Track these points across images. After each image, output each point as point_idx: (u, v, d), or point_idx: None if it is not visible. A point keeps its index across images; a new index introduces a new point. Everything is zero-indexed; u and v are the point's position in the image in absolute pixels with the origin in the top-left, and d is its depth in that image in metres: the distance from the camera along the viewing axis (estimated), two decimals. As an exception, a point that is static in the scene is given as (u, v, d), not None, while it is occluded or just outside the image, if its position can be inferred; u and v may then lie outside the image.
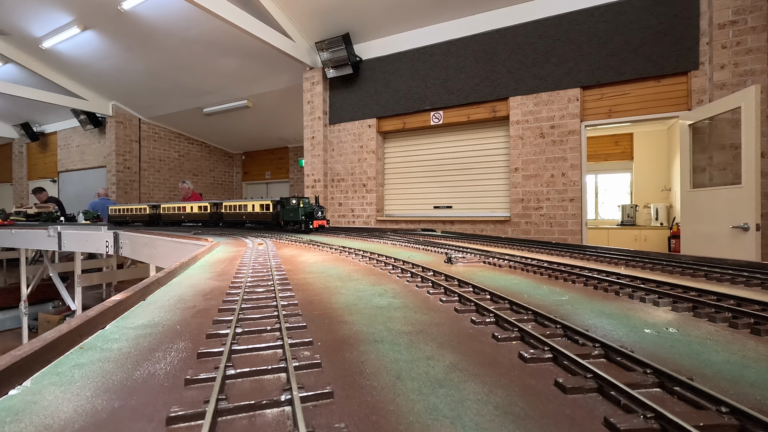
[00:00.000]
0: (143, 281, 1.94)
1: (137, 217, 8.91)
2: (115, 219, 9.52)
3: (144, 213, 8.72)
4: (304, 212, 5.57)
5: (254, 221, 6.72)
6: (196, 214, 7.70)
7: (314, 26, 7.75)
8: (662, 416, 0.74)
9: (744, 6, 4.83)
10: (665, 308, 1.66)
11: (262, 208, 6.55)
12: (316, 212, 5.61)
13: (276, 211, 6.12)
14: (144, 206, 8.76)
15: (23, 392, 0.91)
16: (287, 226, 5.96)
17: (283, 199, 6.02)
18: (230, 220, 7.23)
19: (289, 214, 5.80)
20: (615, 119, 5.96)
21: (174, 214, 8.21)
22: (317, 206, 5.70)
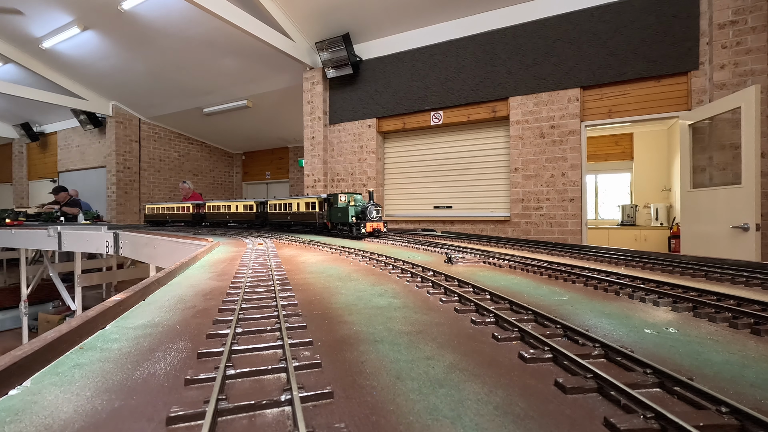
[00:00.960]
0: (143, 281, 1.94)
1: (179, 216, 8.35)
2: (152, 219, 8.97)
3: (187, 212, 8.20)
4: (354, 212, 4.75)
5: (300, 222, 6.00)
6: (242, 213, 7.21)
7: (314, 26, 7.75)
8: (662, 416, 0.74)
9: (744, 6, 4.83)
10: (665, 308, 1.66)
11: (308, 207, 5.77)
12: (369, 212, 4.66)
13: (322, 210, 5.40)
14: (187, 204, 8.26)
15: (23, 392, 0.91)
16: (336, 229, 5.20)
17: (330, 197, 5.26)
18: (276, 221, 6.66)
19: (336, 215, 5.02)
20: (615, 119, 5.96)
21: (218, 214, 7.69)
22: (372, 204, 4.67)
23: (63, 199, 11.06)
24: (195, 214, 8.07)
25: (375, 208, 4.67)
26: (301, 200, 5.88)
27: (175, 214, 8.38)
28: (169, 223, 8.56)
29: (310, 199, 5.66)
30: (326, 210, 5.38)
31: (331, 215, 5.21)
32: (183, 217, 8.27)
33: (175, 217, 8.38)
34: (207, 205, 7.99)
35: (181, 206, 8.34)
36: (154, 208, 9.02)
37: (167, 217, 8.52)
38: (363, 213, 4.67)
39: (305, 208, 5.79)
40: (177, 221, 8.43)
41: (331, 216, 5.23)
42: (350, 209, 4.76)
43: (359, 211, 4.74)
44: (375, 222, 4.64)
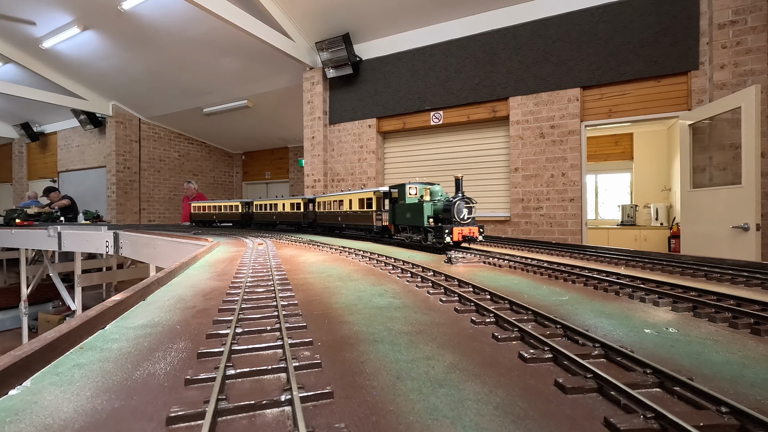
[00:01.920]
0: (143, 281, 1.95)
1: (226, 215, 7.90)
2: (199, 218, 8.63)
3: (236, 211, 7.70)
4: (432, 211, 3.37)
5: (354, 225, 4.89)
6: (288, 214, 6.57)
7: (314, 26, 7.75)
8: (662, 416, 0.74)
9: (744, 6, 4.83)
10: (665, 308, 1.66)
11: (362, 206, 4.64)
12: (457, 211, 3.13)
13: (381, 209, 4.29)
14: (235, 203, 7.69)
15: (23, 392, 0.91)
16: (402, 235, 3.92)
17: (394, 189, 3.98)
18: (325, 222, 5.78)
19: (404, 215, 3.73)
20: (615, 119, 5.96)
21: (266, 213, 7.15)
22: (461, 198, 3.16)
23: (55, 198, 11.24)
24: (244, 213, 7.53)
25: (466, 205, 3.12)
26: (354, 196, 4.78)
27: (222, 214, 7.90)
28: (216, 223, 8.09)
29: (364, 194, 4.51)
30: (388, 208, 4.14)
31: (396, 215, 3.91)
32: (231, 216, 7.82)
33: (222, 217, 7.89)
34: (254, 203, 7.52)
35: (229, 205, 7.83)
36: (201, 207, 8.62)
37: (214, 216, 8.06)
38: (446, 211, 3.21)
39: (359, 206, 4.68)
40: (224, 221, 7.93)
41: (395, 217, 3.95)
42: (426, 207, 3.36)
43: (440, 209, 3.32)
44: (468, 226, 3.12)
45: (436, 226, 3.29)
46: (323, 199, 5.99)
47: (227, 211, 7.16)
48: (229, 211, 7.14)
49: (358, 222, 4.83)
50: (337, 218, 5.37)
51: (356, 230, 4.99)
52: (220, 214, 7.18)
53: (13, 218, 9.73)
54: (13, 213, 9.95)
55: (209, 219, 7.37)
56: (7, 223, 9.70)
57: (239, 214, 6.71)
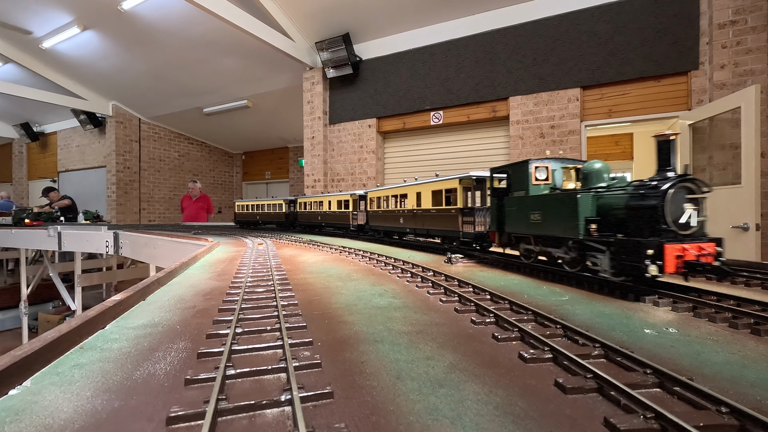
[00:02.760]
0: (143, 281, 1.95)
1: (270, 216, 7.39)
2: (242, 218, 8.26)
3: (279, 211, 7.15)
4: (595, 209, 1.97)
5: (431, 231, 3.57)
6: (334, 214, 5.67)
7: (314, 26, 7.75)
8: (662, 416, 0.74)
9: (744, 6, 4.83)
10: (665, 308, 1.66)
11: (448, 200, 3.29)
12: (673, 210, 1.73)
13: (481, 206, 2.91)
14: (278, 201, 7.13)
15: (23, 392, 0.91)
16: (528, 254, 2.43)
17: (501, 173, 2.67)
18: (381, 226, 4.66)
19: (525, 218, 2.31)
20: (615, 119, 5.96)
21: (311, 214, 6.51)
22: (679, 180, 1.77)
23: (55, 198, 11.23)
24: (287, 213, 6.98)
25: (689, 196, 1.76)
26: (437, 184, 3.35)
27: (265, 214, 7.38)
28: (259, 224, 7.58)
29: (450, 183, 3.09)
30: (495, 208, 2.67)
31: (508, 217, 2.47)
32: (274, 217, 7.30)
33: (266, 217, 7.37)
34: (298, 201, 6.93)
35: (272, 203, 7.28)
36: (244, 206, 8.05)
37: (257, 217, 7.51)
38: (636, 210, 1.79)
39: (433, 202, 3.36)
40: (268, 222, 7.40)
41: (506, 218, 2.50)
42: (583, 201, 1.94)
43: (619, 204, 1.88)
44: (692, 241, 1.73)
45: (616, 240, 1.74)
46: (376, 194, 4.93)
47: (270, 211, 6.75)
48: (272, 211, 6.72)
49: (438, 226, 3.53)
50: (399, 220, 4.13)
51: (435, 236, 3.67)
52: (263, 213, 6.76)
53: (22, 218, 9.67)
54: (22, 213, 9.89)
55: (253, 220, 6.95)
56: (16, 222, 9.64)
57: (282, 214, 6.21)
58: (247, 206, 6.22)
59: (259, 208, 5.81)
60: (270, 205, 5.28)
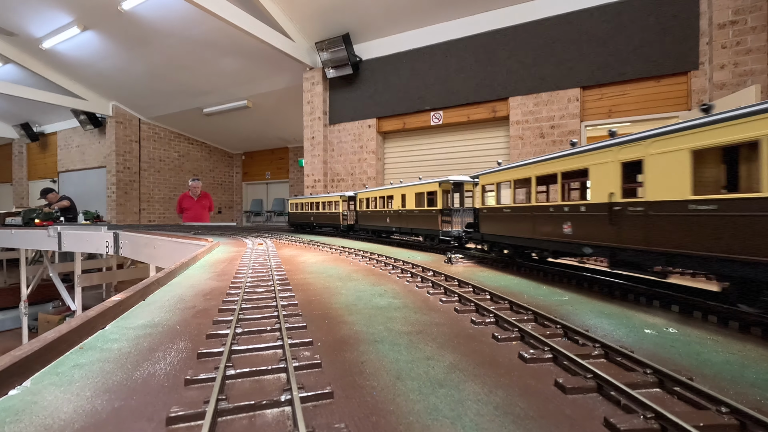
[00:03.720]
0: (143, 281, 1.95)
1: (323, 216, 5.68)
2: (297, 219, 6.90)
3: (334, 211, 5.37)
4: None
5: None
6: (415, 216, 3.88)
7: (314, 26, 7.75)
8: (662, 416, 0.74)
9: (744, 6, 4.83)
10: (665, 308, 1.66)
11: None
12: None
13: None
14: (333, 198, 5.38)
15: (23, 392, 0.91)
16: None
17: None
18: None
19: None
20: (615, 119, 5.96)
21: (375, 215, 4.76)
22: None
23: (53, 198, 11.16)
24: (345, 214, 5.54)
25: None
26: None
27: (321, 214, 5.86)
28: (314, 228, 6.20)
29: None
30: None
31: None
32: (329, 219, 5.76)
33: (321, 219, 5.83)
34: (358, 198, 5.29)
35: (326, 201, 5.76)
36: (299, 205, 6.67)
37: (311, 218, 6.15)
38: None
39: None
40: (324, 225, 5.86)
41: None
42: None
43: None
44: None
45: None
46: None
47: (325, 211, 5.29)
48: (326, 211, 5.27)
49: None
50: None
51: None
52: (317, 214, 5.39)
53: (32, 218, 9.58)
54: (32, 213, 9.79)
55: (306, 222, 5.54)
56: (26, 223, 9.55)
57: (338, 215, 4.95)
58: (301, 205, 4.98)
59: (314, 207, 4.64)
60: (324, 204, 4.27)
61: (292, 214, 5.25)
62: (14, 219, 9.73)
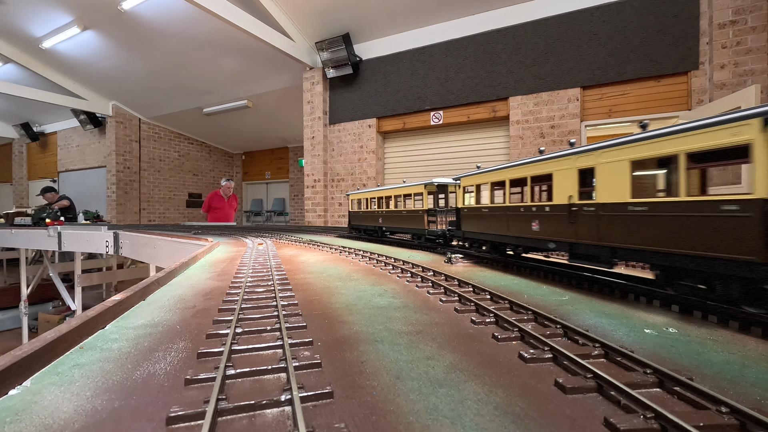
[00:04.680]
0: (143, 281, 1.95)
1: (399, 218, 3.89)
2: (360, 223, 4.78)
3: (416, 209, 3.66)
4: None
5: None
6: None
7: (314, 26, 7.75)
8: (662, 416, 0.74)
9: (744, 6, 4.83)
10: (665, 308, 1.66)
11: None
12: None
13: None
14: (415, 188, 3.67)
15: (23, 392, 0.91)
16: None
17: None
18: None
19: None
20: (615, 119, 5.96)
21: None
22: None
23: (52, 198, 11.08)
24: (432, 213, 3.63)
25: None
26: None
27: (394, 215, 3.90)
28: (384, 234, 4.34)
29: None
30: None
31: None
32: (408, 221, 3.81)
33: (395, 221, 3.92)
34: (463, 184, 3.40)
35: (405, 193, 3.91)
36: (361, 201, 4.82)
37: (379, 219, 4.11)
38: None
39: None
40: (399, 231, 4.01)
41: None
42: None
43: None
44: None
45: None
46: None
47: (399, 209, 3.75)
48: (404, 208, 3.76)
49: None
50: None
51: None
52: (389, 215, 3.84)
53: (42, 218, 9.47)
54: (42, 212, 9.68)
55: (371, 225, 4.22)
56: (35, 222, 9.45)
57: (422, 217, 3.42)
58: (365, 202, 4.12)
59: (382, 203, 3.57)
60: (399, 199, 3.21)
61: (354, 214, 4.71)
62: (24, 219, 9.62)
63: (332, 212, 8.61)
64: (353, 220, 4.62)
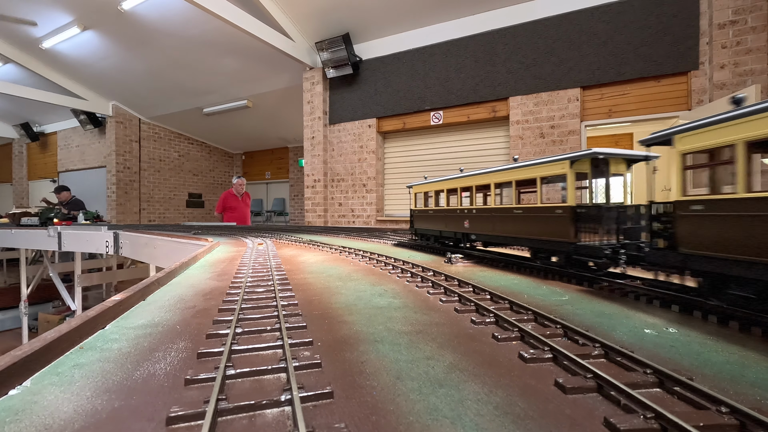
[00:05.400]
0: (143, 281, 1.95)
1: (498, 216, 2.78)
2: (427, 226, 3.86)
3: (553, 205, 2.31)
4: None
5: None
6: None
7: (314, 26, 7.75)
8: (662, 416, 0.74)
9: (744, 6, 4.83)
10: (665, 308, 1.66)
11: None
12: None
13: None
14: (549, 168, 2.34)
15: (23, 392, 0.91)
16: None
17: None
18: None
19: None
20: (615, 119, 5.96)
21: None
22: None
23: (65, 198, 10.97)
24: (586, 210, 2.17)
25: None
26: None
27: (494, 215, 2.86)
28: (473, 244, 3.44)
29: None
30: None
31: None
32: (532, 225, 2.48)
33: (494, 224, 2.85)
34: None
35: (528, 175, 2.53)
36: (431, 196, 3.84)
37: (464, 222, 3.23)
38: None
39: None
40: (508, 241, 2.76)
41: None
42: None
43: None
44: None
45: None
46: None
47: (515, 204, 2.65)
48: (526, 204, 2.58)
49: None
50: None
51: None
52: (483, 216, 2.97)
53: (50, 218, 9.35)
54: (50, 212, 9.56)
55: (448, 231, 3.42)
56: (43, 223, 9.34)
57: (566, 216, 2.19)
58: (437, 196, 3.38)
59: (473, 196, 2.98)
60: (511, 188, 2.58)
61: (419, 215, 3.48)
62: (30, 219, 9.49)
63: (332, 212, 8.61)
64: (419, 223, 3.63)
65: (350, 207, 8.36)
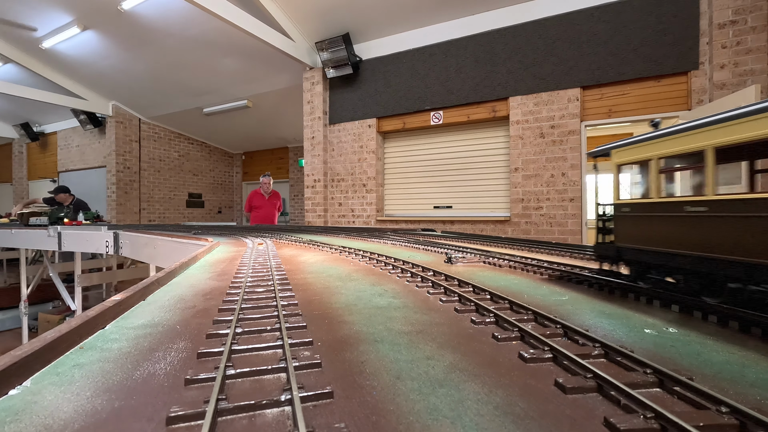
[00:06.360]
0: (143, 281, 1.94)
1: None
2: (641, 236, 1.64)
3: None
4: None
5: None
6: None
7: (314, 26, 7.75)
8: (662, 416, 0.74)
9: (744, 6, 4.83)
10: (665, 308, 1.66)
11: None
12: None
13: None
14: None
15: (23, 392, 0.91)
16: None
17: None
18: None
19: None
20: (615, 119, 5.96)
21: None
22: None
23: (66, 199, 10.82)
24: None
25: None
26: None
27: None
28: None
29: None
30: None
31: None
32: None
33: None
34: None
35: None
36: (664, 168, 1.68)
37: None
38: None
39: None
40: None
41: None
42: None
43: None
44: None
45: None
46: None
47: None
48: None
49: None
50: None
51: None
52: None
53: (60, 218, 9.14)
54: (59, 212, 9.43)
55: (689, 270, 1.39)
56: (52, 223, 9.21)
57: None
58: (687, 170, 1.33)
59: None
60: None
61: (629, 219, 1.71)
62: (39, 219, 9.32)
63: (332, 212, 8.61)
64: (628, 228, 1.74)
65: (350, 207, 8.36)
